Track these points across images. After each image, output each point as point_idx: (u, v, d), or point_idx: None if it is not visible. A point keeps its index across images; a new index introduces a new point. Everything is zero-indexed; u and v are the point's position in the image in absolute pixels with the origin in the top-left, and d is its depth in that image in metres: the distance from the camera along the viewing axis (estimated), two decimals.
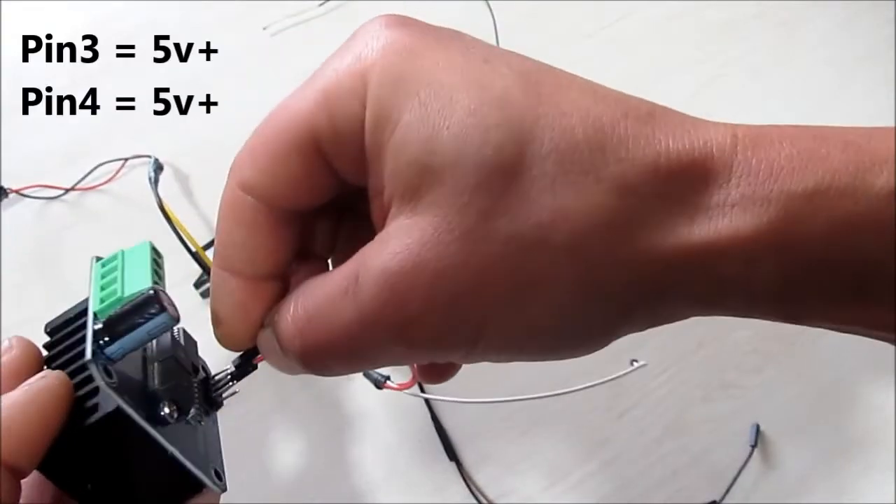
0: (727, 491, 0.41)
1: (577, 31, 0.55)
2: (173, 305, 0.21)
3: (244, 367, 0.23)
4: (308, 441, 0.41)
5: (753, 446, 0.42)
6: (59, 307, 0.47)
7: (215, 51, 0.52)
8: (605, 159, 0.17)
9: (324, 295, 0.19)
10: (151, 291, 0.21)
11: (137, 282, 0.21)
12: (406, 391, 0.31)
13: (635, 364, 0.37)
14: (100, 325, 0.21)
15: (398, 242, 0.18)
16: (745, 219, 0.17)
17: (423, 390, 0.41)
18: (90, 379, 0.20)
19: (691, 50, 0.54)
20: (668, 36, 0.55)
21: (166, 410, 0.22)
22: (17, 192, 0.47)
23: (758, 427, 0.42)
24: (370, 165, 0.19)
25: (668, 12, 0.55)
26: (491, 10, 0.53)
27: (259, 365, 0.23)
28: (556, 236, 0.17)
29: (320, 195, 0.20)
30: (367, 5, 0.54)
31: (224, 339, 0.22)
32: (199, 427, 0.24)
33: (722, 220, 0.17)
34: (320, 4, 0.54)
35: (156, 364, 0.23)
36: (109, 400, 0.20)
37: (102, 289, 0.22)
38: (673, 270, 0.18)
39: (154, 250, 0.23)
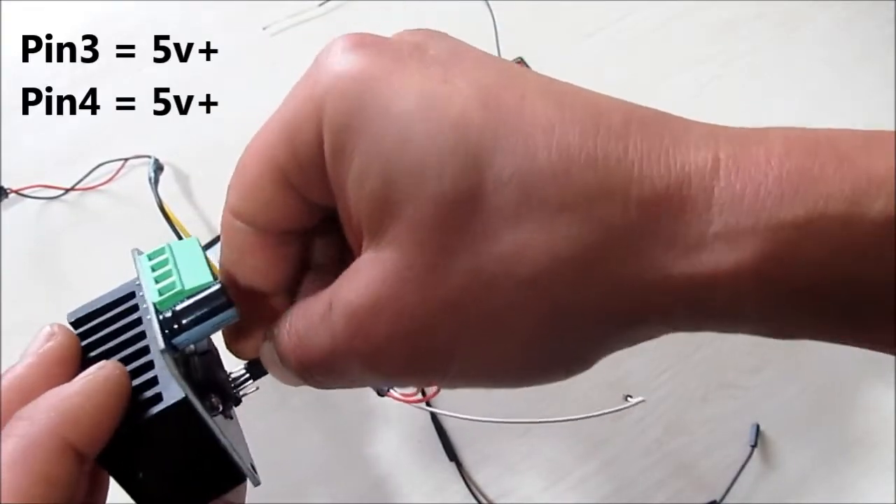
0: (727, 491, 0.41)
1: (577, 31, 0.55)
2: (235, 301, 0.22)
3: (259, 365, 0.24)
4: (308, 441, 0.41)
5: (753, 446, 0.42)
6: (59, 307, 0.47)
7: (215, 51, 0.52)
8: (570, 185, 0.16)
9: (307, 318, 0.19)
10: (219, 286, 0.21)
11: (196, 275, 0.22)
12: (412, 404, 0.32)
13: (630, 400, 0.38)
14: (166, 316, 0.21)
15: (362, 277, 0.18)
16: (727, 252, 0.16)
17: (429, 404, 0.41)
18: (148, 368, 0.21)
19: (691, 50, 0.54)
20: (668, 36, 0.55)
21: (213, 402, 0.22)
22: (16, 192, 0.47)
23: (758, 427, 0.42)
24: (336, 194, 0.19)
25: (668, 12, 0.55)
26: (491, 10, 0.53)
27: None
28: (520, 270, 0.17)
29: (302, 219, 0.21)
30: (367, 5, 0.54)
31: (233, 351, 0.23)
32: (232, 421, 0.24)
33: (702, 253, 0.16)
34: (320, 4, 0.54)
35: (196, 357, 0.24)
36: (175, 390, 0.20)
37: (157, 281, 0.22)
38: (649, 300, 0.17)
39: (202, 247, 0.23)
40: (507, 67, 0.18)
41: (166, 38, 0.52)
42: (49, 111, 0.50)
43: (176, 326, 0.21)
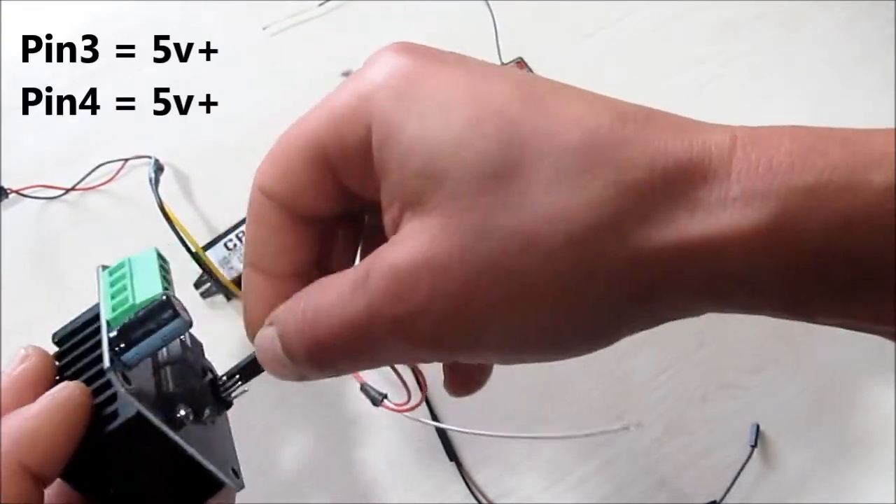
0: (727, 491, 0.41)
1: (577, 31, 0.55)
2: (185, 310, 0.22)
3: (252, 367, 0.24)
4: (307, 441, 0.41)
5: (753, 446, 0.42)
6: (59, 307, 0.47)
7: (215, 51, 0.52)
8: (601, 159, 0.18)
9: (335, 290, 0.20)
10: (164, 297, 0.21)
11: (148, 288, 0.22)
12: (408, 415, 0.32)
13: (628, 427, 0.38)
14: (114, 333, 0.21)
15: (406, 241, 0.19)
16: (745, 213, 0.17)
17: (431, 410, 0.41)
18: (107, 386, 0.21)
19: (691, 50, 0.54)
20: (668, 36, 0.55)
21: (182, 413, 0.22)
22: (17, 192, 0.47)
23: (758, 427, 0.42)
24: (381, 181, 0.20)
25: (668, 12, 0.55)
26: (491, 10, 0.53)
27: None
28: (554, 233, 0.18)
29: (332, 205, 0.22)
30: (367, 5, 0.54)
31: (248, 329, 0.23)
32: (213, 427, 0.24)
33: (722, 215, 0.17)
34: (320, 4, 0.54)
35: (167, 368, 0.24)
36: (129, 406, 0.20)
37: (112, 297, 0.22)
38: (674, 265, 0.18)
39: (160, 256, 0.24)
40: (543, 79, 0.20)
41: (166, 38, 0.52)
42: (49, 111, 0.50)
43: (124, 343, 0.21)
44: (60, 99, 0.50)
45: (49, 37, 0.52)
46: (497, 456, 0.42)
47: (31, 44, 0.52)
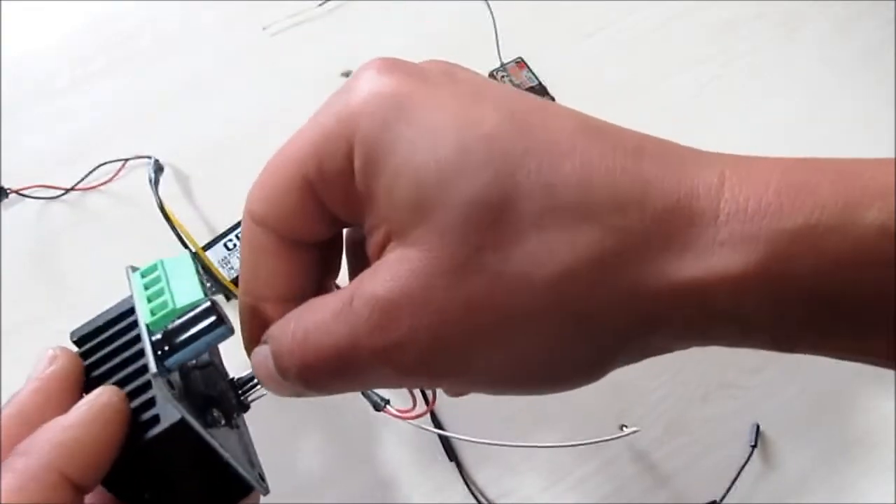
0: (727, 491, 0.41)
1: (577, 31, 0.55)
2: (226, 316, 0.22)
3: None
4: (308, 442, 0.41)
5: (753, 446, 0.42)
6: (59, 307, 0.47)
7: (215, 51, 0.52)
8: (591, 195, 0.17)
9: (321, 313, 0.20)
10: (209, 303, 0.21)
11: (187, 293, 0.22)
12: (412, 422, 0.31)
13: (626, 430, 0.38)
14: (158, 337, 0.21)
15: (389, 271, 0.18)
16: (733, 257, 0.17)
17: (438, 426, 0.41)
18: (144, 389, 0.21)
19: (691, 50, 0.54)
20: (668, 36, 0.55)
21: (215, 416, 0.22)
22: (17, 192, 0.47)
23: (758, 427, 0.42)
24: (364, 207, 0.19)
25: (668, 12, 0.55)
26: (491, 10, 0.53)
27: None
28: (542, 272, 0.17)
29: (320, 229, 0.21)
30: (367, 5, 0.54)
31: (247, 351, 0.23)
32: (238, 431, 0.24)
33: (710, 259, 0.17)
34: (320, 4, 0.54)
35: (197, 371, 0.24)
36: (171, 411, 0.20)
37: (149, 300, 0.22)
38: (662, 306, 0.18)
39: (196, 260, 0.23)
40: (531, 97, 0.20)
41: (166, 38, 0.52)
42: (49, 111, 0.50)
43: (168, 347, 0.21)
44: (60, 99, 0.50)
45: (49, 37, 0.52)
46: (497, 456, 0.42)
47: (32, 44, 0.52)
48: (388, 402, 0.35)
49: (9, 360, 0.43)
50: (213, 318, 0.21)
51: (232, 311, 0.47)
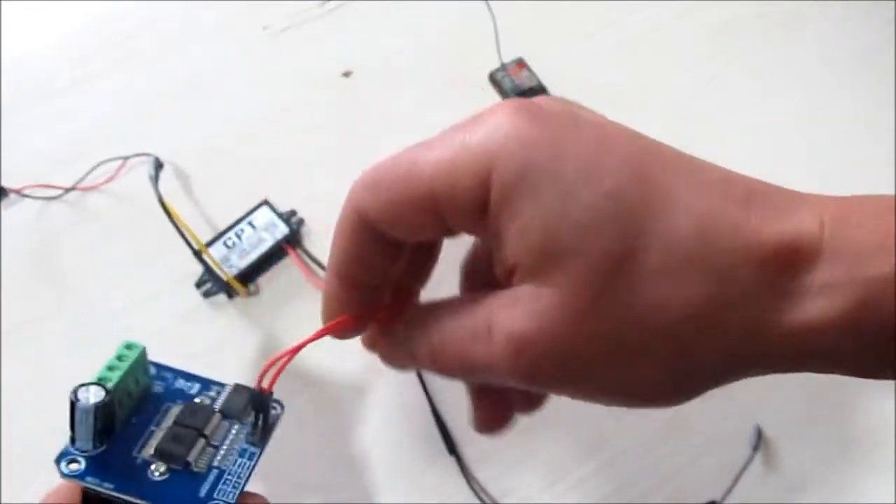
0: (728, 492, 0.41)
1: (577, 31, 0.55)
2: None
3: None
4: (308, 438, 0.41)
5: (755, 448, 0.42)
6: (59, 308, 0.47)
7: (215, 51, 0.52)
8: (704, 249, 0.20)
9: (459, 333, 0.23)
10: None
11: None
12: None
13: None
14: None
15: (524, 308, 0.21)
16: (829, 304, 0.20)
17: (436, 414, 0.41)
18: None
19: (691, 50, 0.54)
20: (668, 36, 0.55)
21: (154, 470, 0.25)
22: (16, 192, 0.47)
23: (759, 429, 0.42)
24: (493, 232, 0.21)
25: (668, 12, 0.55)
26: (491, 10, 0.53)
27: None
28: (655, 319, 0.20)
29: (428, 236, 0.24)
30: (368, 5, 0.54)
31: (329, 320, 0.26)
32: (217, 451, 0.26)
33: (808, 306, 0.20)
34: (320, 4, 0.54)
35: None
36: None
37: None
38: (762, 350, 0.21)
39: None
40: (649, 145, 0.22)
41: (166, 37, 0.52)
42: (49, 111, 0.50)
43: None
44: (60, 99, 0.50)
45: (49, 37, 0.52)
46: (497, 456, 0.42)
47: (32, 43, 0.52)
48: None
49: (9, 360, 0.43)
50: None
51: (234, 310, 0.47)
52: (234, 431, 0.27)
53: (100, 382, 0.26)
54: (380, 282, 0.25)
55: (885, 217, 0.20)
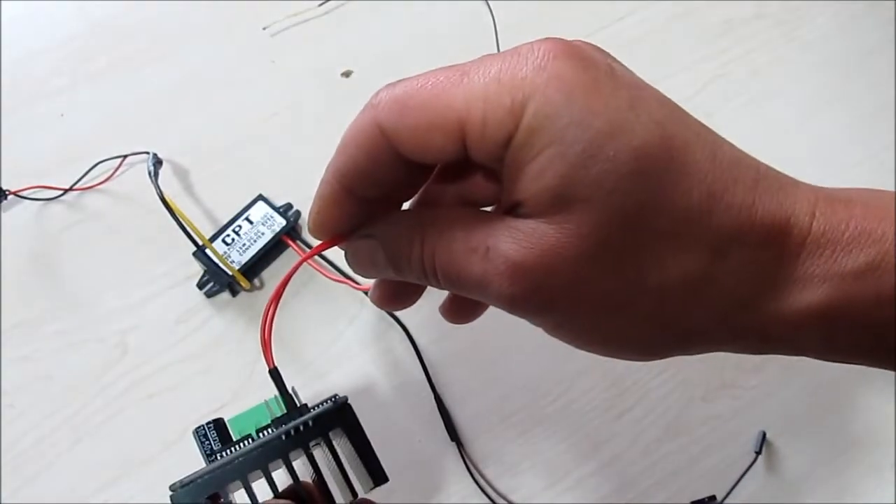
0: (728, 493, 0.41)
1: (577, 31, 0.55)
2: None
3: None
4: None
5: (758, 452, 0.42)
6: (59, 309, 0.46)
7: (215, 51, 0.52)
8: (709, 223, 0.21)
9: (455, 246, 0.23)
10: None
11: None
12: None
13: None
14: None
15: (528, 241, 0.21)
16: (806, 296, 0.21)
17: (438, 401, 0.41)
18: None
19: (691, 50, 0.54)
20: (668, 36, 0.55)
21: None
22: (15, 193, 0.47)
23: (764, 434, 0.42)
24: (508, 165, 0.21)
25: (668, 12, 0.55)
26: (491, 10, 0.53)
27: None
28: (650, 278, 0.21)
29: (439, 159, 0.23)
30: (367, 5, 0.54)
31: (315, 228, 0.26)
32: None
33: (788, 294, 0.21)
34: (320, 4, 0.54)
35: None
36: None
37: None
38: (735, 327, 0.22)
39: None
40: (676, 107, 0.22)
41: (166, 37, 0.52)
42: (49, 111, 0.50)
43: None
44: (59, 98, 0.50)
45: (49, 37, 0.52)
46: (497, 456, 0.42)
47: (31, 43, 0.52)
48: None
49: (9, 359, 0.43)
50: None
51: (238, 309, 0.47)
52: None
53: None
54: (377, 195, 0.25)
55: (872, 211, 0.21)
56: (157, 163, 0.45)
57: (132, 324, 0.43)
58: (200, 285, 0.44)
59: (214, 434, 0.31)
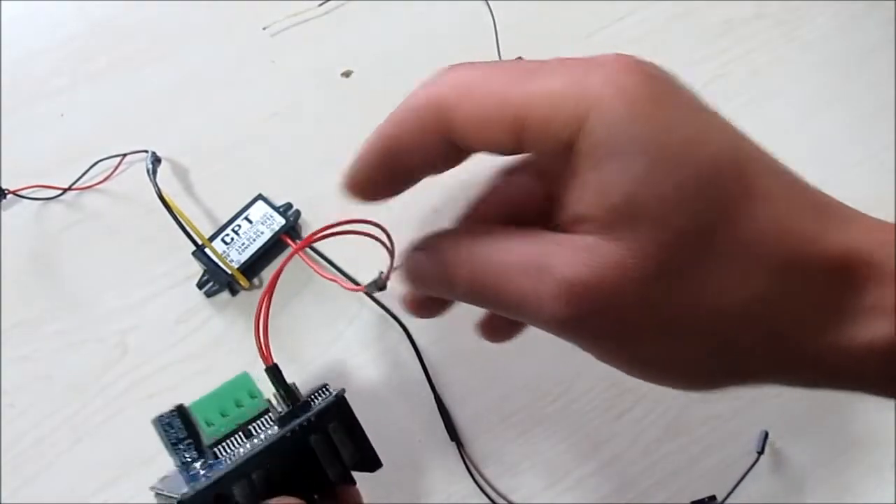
0: (730, 492, 0.41)
1: (577, 31, 0.55)
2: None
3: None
4: None
5: (760, 452, 0.42)
6: (58, 308, 0.46)
7: (215, 51, 0.52)
8: (775, 249, 0.20)
9: (506, 264, 0.22)
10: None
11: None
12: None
13: None
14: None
15: (587, 258, 0.20)
16: (874, 328, 0.20)
17: (437, 398, 0.41)
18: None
19: (691, 50, 0.54)
20: (668, 36, 0.55)
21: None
22: (14, 192, 0.47)
23: (766, 434, 0.42)
24: (566, 176, 0.21)
25: (668, 12, 0.55)
26: (491, 10, 0.53)
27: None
28: (714, 304, 0.20)
29: (494, 151, 0.22)
30: (367, 5, 0.54)
31: (348, 181, 0.24)
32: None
33: (856, 326, 0.20)
34: (320, 4, 0.54)
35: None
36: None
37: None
38: (797, 359, 0.21)
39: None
40: (739, 131, 0.21)
41: (166, 37, 0.52)
42: (48, 111, 0.50)
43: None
44: (60, 99, 0.50)
45: (49, 36, 0.52)
46: (497, 456, 0.42)
47: (31, 43, 0.52)
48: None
49: (9, 359, 0.43)
50: None
51: (238, 309, 0.47)
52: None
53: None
54: (412, 178, 0.24)
55: None
56: (156, 161, 0.45)
57: (132, 324, 0.43)
58: (200, 285, 0.44)
59: (179, 422, 0.31)
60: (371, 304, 0.44)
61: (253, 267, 0.44)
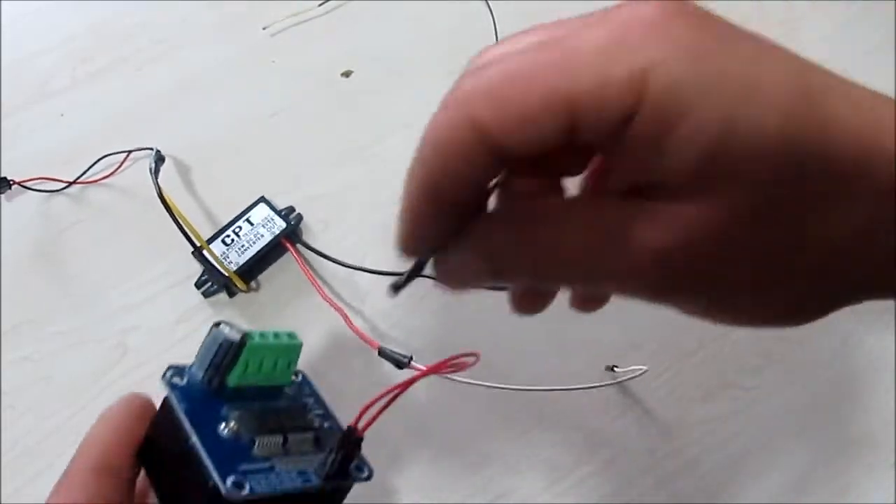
0: (728, 493, 0.41)
1: None
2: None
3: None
4: None
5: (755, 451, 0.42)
6: (60, 302, 0.47)
7: (215, 51, 0.52)
8: (865, 172, 0.19)
9: (585, 239, 0.20)
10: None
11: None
12: (456, 376, 0.30)
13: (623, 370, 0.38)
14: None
15: (673, 225, 0.19)
16: None
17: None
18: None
19: None
20: None
21: (225, 426, 0.26)
22: (20, 183, 0.47)
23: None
24: (633, 148, 0.19)
25: None
26: (491, 10, 0.53)
27: None
28: (814, 237, 0.19)
29: (553, 146, 0.20)
30: (368, 5, 0.54)
31: (404, 245, 0.22)
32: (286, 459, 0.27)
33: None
34: (320, 4, 0.54)
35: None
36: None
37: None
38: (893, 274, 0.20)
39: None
40: (811, 66, 0.21)
41: (166, 37, 0.52)
42: (49, 111, 0.50)
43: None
44: (61, 99, 0.50)
45: (49, 37, 0.52)
46: (497, 456, 0.42)
47: (32, 43, 0.52)
48: (410, 358, 0.34)
49: (9, 358, 0.43)
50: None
51: (234, 310, 0.47)
52: (311, 457, 0.27)
53: (245, 331, 0.26)
54: (477, 201, 0.22)
55: None
56: (160, 159, 0.45)
57: (132, 324, 0.43)
58: (198, 284, 0.44)
59: (233, 353, 0.27)
60: (371, 304, 0.44)
61: (251, 270, 0.44)
